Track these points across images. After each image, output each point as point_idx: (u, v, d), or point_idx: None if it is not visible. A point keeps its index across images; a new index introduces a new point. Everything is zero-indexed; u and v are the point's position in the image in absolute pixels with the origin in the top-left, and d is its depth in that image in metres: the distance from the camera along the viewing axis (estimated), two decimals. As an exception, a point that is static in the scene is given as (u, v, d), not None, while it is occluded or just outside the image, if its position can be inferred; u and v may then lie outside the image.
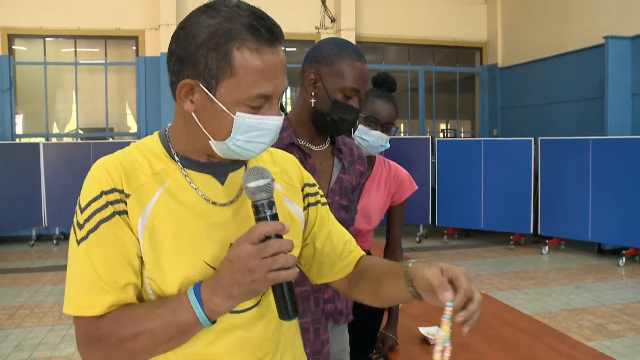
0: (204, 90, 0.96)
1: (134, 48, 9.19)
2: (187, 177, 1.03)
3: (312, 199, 1.22)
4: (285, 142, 1.71)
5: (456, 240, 8.73)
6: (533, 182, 8.00)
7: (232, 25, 0.93)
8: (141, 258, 0.98)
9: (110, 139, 9.35)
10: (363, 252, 1.25)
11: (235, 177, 1.08)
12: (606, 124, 7.66)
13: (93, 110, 9.60)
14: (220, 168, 1.06)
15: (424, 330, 2.24)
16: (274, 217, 0.96)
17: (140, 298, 1.00)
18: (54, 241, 8.38)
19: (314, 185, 1.24)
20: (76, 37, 9.01)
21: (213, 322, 0.94)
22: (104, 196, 0.97)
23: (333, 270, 1.22)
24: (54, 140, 9.20)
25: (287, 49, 10.02)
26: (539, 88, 9.27)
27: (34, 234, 8.37)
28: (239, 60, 0.93)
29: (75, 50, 9.09)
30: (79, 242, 0.96)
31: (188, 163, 1.04)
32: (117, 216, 0.96)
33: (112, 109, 9.40)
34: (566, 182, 7.71)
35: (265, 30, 0.94)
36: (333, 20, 9.48)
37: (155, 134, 1.09)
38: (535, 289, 5.91)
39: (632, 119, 7.65)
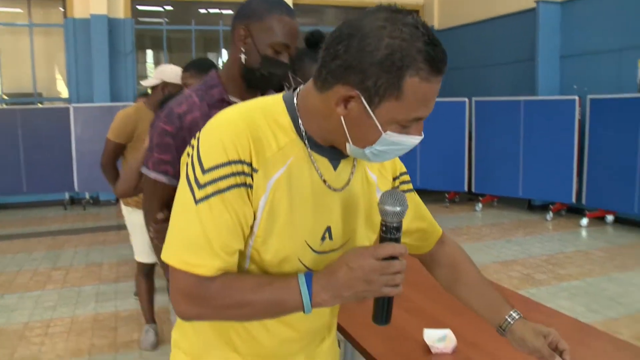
0: (363, 104, 0.95)
1: (62, 9, 8.78)
2: (311, 157, 1.05)
3: (404, 187, 1.26)
4: (216, 98, 1.72)
5: (394, 201, 8.91)
6: (467, 141, 8.25)
7: (410, 49, 0.92)
8: (251, 228, 1.01)
9: (39, 105, 8.97)
10: (440, 232, 1.36)
11: (346, 164, 1.11)
12: (537, 85, 7.94)
13: (19, 75, 9.14)
14: (336, 153, 1.07)
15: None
16: (399, 240, 1.03)
17: None
18: (-17, 212, 8.09)
19: (404, 173, 1.27)
20: (-3, -3, 8.54)
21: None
22: (232, 165, 0.97)
23: (412, 247, 1.33)
24: (-23, 106, 8.77)
25: (223, 12, 9.82)
26: (474, 50, 9.47)
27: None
28: (409, 87, 0.93)
29: (-4, 11, 8.62)
30: (197, 201, 0.97)
31: (311, 143, 1.05)
32: (242, 187, 0.98)
33: (39, 74, 8.98)
34: (499, 142, 7.97)
35: (439, 60, 0.94)
36: (269, -19, 9.30)
37: (281, 100, 1.07)
38: (469, 244, 6.18)
39: (561, 80, 7.96)
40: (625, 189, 6.61)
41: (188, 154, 1.02)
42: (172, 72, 3.24)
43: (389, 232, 1.02)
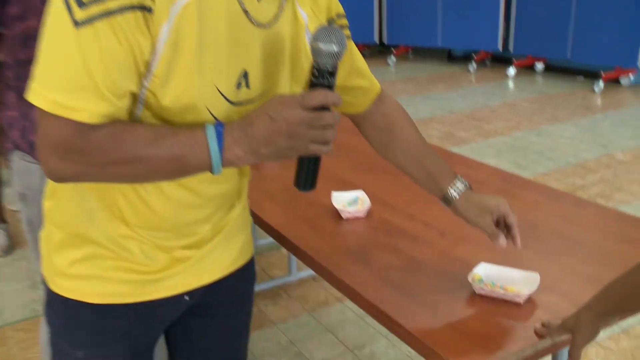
0: None
1: None
2: None
3: None
4: None
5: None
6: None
7: None
8: (148, 66, 0.93)
9: None
10: (379, 88, 1.34)
11: None
12: None
13: None
14: None
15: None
16: (332, 87, 0.97)
17: None
18: None
19: (342, 16, 1.22)
20: None
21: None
22: None
23: (345, 104, 1.25)
24: None
25: None
26: None
27: None
28: None
29: None
30: (77, 23, 0.86)
31: None
32: (138, 11, 0.88)
33: None
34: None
35: None
36: None
37: None
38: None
39: None
40: (557, 32, 6.76)
41: None
42: None
43: (322, 76, 0.96)
